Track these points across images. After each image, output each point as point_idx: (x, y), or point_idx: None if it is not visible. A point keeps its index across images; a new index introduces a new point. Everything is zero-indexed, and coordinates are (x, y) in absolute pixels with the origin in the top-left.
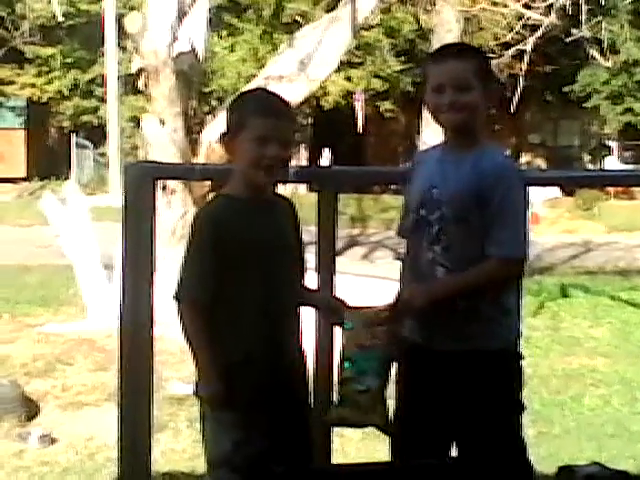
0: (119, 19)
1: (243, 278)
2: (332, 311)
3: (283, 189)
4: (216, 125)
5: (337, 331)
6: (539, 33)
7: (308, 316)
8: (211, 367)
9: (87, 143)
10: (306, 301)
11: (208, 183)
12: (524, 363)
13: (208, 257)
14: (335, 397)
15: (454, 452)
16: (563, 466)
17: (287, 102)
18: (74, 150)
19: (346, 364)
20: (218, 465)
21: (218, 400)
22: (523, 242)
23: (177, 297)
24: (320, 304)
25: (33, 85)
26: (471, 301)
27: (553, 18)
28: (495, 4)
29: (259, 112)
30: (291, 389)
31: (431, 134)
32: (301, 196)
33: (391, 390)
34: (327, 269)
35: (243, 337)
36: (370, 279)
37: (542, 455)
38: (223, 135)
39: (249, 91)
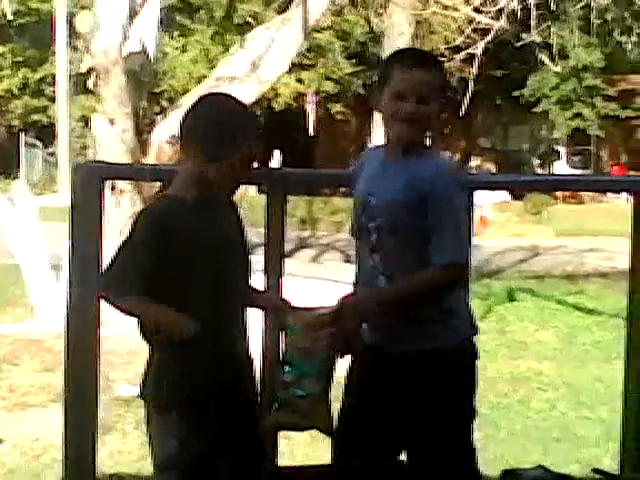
0: (70, 18)
1: (188, 280)
2: (277, 313)
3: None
4: (166, 125)
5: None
6: (489, 37)
7: (256, 317)
8: (175, 314)
9: (37, 142)
10: (252, 302)
11: (158, 184)
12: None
13: (145, 255)
14: (275, 401)
15: (402, 456)
16: (507, 470)
17: None
18: (23, 149)
19: (286, 368)
20: (164, 467)
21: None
22: (463, 248)
23: (104, 288)
24: (265, 305)
25: None
26: (414, 306)
27: (503, 22)
28: (446, 8)
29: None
30: (238, 390)
31: (382, 136)
32: (251, 198)
33: (336, 392)
34: (275, 271)
35: (190, 339)
36: (319, 281)
37: (488, 458)
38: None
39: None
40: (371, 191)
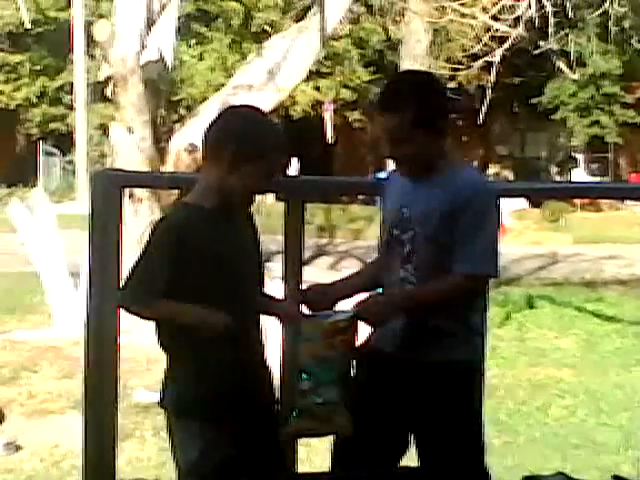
0: (88, 27)
1: (204, 288)
2: (291, 321)
3: None
4: (184, 133)
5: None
6: (507, 45)
7: (274, 326)
8: (206, 310)
9: (55, 150)
10: (266, 309)
11: (176, 192)
12: (490, 374)
13: (164, 264)
14: (295, 409)
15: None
16: (528, 476)
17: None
18: (42, 157)
19: (303, 376)
20: (186, 474)
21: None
22: (490, 259)
23: (126, 301)
24: (279, 313)
25: (1, 92)
26: (434, 317)
27: (521, 30)
28: (463, 16)
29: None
30: (257, 397)
31: None
32: (269, 205)
33: None
34: (294, 278)
35: (208, 347)
36: None
37: (507, 465)
38: None
39: None
40: (404, 203)
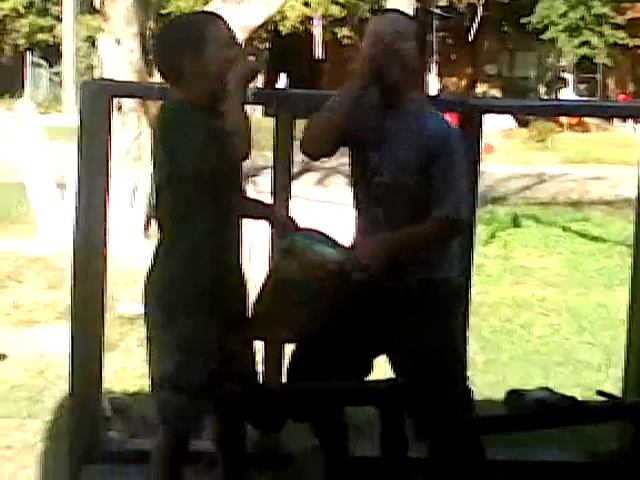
0: None
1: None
2: (279, 225)
3: None
4: None
5: None
6: None
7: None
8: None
9: (42, 62)
10: (252, 213)
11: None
12: (474, 291)
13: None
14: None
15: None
16: (512, 390)
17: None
18: (29, 68)
19: (296, 237)
20: (162, 385)
21: None
22: (463, 203)
23: None
24: (268, 216)
25: None
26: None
27: None
28: None
29: None
30: (234, 306)
31: None
32: (257, 120)
33: None
34: (283, 193)
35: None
36: (324, 204)
37: (490, 382)
38: None
39: None
40: (374, 142)
